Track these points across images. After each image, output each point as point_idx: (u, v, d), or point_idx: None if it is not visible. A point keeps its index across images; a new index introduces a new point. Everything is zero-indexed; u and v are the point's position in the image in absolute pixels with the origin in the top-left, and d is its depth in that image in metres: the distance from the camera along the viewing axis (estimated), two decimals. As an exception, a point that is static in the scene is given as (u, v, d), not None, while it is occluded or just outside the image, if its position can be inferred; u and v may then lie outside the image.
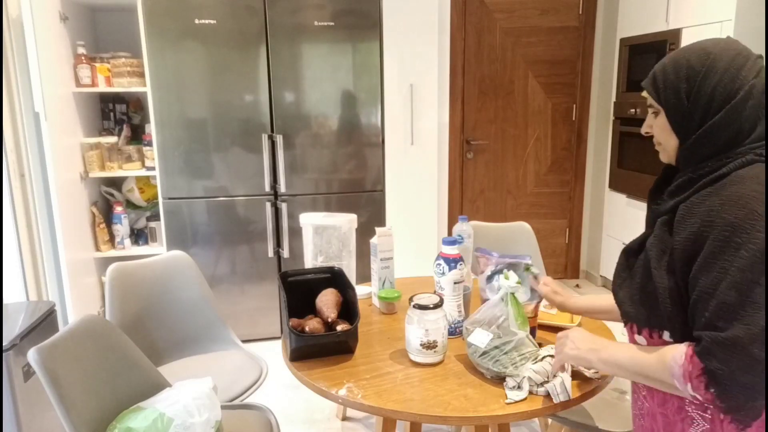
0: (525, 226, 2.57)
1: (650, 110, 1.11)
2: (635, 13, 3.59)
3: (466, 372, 1.41)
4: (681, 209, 1.02)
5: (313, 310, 1.61)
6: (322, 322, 1.52)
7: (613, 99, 3.85)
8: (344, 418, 2.55)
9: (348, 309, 1.59)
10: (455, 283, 1.55)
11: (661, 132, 1.09)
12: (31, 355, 1.31)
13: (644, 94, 1.11)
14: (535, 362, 1.34)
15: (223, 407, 1.64)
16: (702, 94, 1.01)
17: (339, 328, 1.50)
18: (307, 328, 1.48)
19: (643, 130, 1.15)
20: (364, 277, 2.95)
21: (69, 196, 2.91)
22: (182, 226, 3.11)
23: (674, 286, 1.02)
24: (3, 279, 2.59)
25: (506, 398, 1.28)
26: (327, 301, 1.55)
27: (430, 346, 1.42)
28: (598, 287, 4.22)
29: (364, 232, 3.31)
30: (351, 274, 1.91)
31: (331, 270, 1.70)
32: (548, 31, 3.99)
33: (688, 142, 1.04)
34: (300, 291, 1.64)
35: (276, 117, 3.09)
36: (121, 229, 3.24)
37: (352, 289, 1.59)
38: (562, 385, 1.28)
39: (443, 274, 1.54)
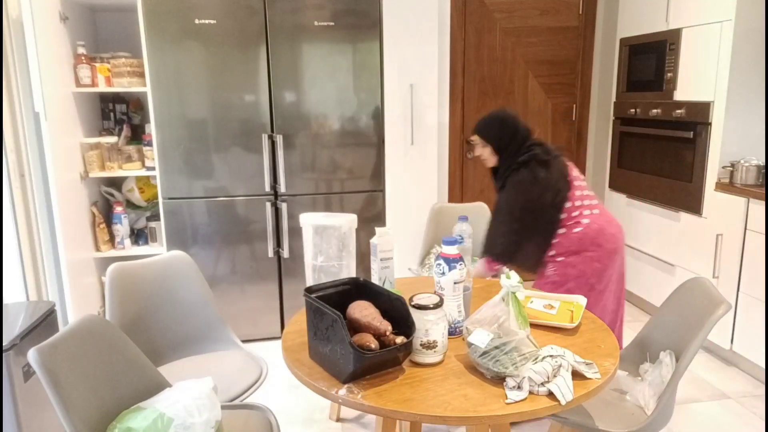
0: (483, 206, 3.09)
1: (480, 145, 2.31)
2: (635, 13, 3.59)
3: (466, 372, 1.40)
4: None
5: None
6: (373, 337, 1.40)
7: (613, 99, 3.85)
8: (338, 419, 2.55)
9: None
10: (455, 283, 1.54)
11: (488, 152, 2.30)
12: (31, 355, 1.31)
13: (475, 137, 2.32)
14: (536, 362, 1.34)
15: (223, 407, 1.64)
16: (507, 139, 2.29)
17: (398, 340, 1.39)
18: (372, 345, 1.36)
19: (478, 154, 2.34)
20: (365, 277, 2.95)
21: (69, 196, 2.91)
22: (182, 226, 3.11)
23: None
24: (3, 279, 2.59)
25: (506, 398, 1.28)
26: (372, 314, 1.44)
27: (430, 346, 1.42)
28: (598, 287, 4.22)
29: (364, 232, 3.31)
30: (351, 275, 1.91)
31: (355, 281, 1.62)
32: (548, 31, 3.99)
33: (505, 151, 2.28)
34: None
35: (276, 117, 3.09)
36: (121, 229, 3.24)
37: (399, 299, 1.47)
38: (566, 385, 1.28)
39: (443, 274, 1.54)
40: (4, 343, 1.90)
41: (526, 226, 2.16)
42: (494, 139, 2.28)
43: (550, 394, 1.29)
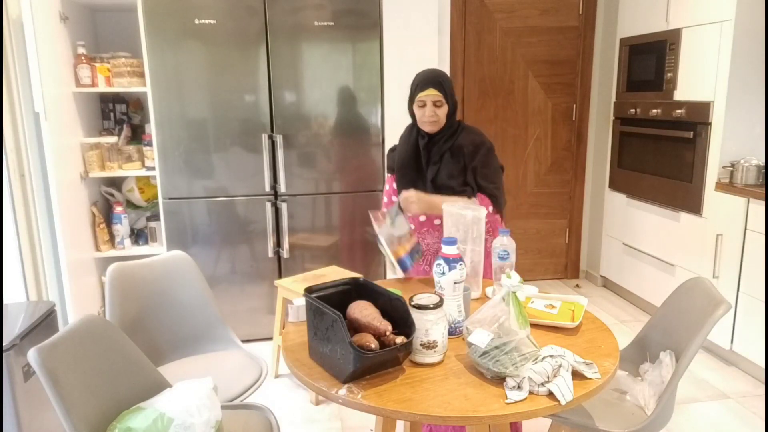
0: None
1: (438, 104, 1.99)
2: (635, 13, 3.59)
3: (466, 372, 1.40)
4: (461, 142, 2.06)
5: None
6: (373, 337, 1.39)
7: (613, 99, 3.85)
8: (277, 376, 2.86)
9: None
10: (455, 283, 1.54)
11: (444, 114, 2.01)
12: (31, 355, 1.31)
13: (434, 92, 1.97)
14: (536, 362, 1.34)
15: (223, 407, 1.64)
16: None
17: (398, 340, 1.38)
18: (372, 345, 1.35)
19: (429, 116, 2.00)
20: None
21: (69, 196, 2.91)
22: (182, 226, 3.11)
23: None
24: (3, 279, 2.59)
25: (506, 398, 1.28)
26: (372, 314, 1.44)
27: (430, 346, 1.42)
28: (598, 287, 4.22)
29: (364, 232, 3.31)
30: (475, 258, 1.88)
31: (355, 281, 1.61)
32: (548, 31, 3.99)
33: (453, 116, 2.07)
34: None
35: (276, 117, 3.09)
36: (121, 229, 3.24)
37: (398, 299, 1.47)
38: (566, 385, 1.28)
39: (443, 274, 1.54)
40: (4, 343, 1.90)
41: None
42: (451, 95, 2.03)
43: (550, 394, 1.29)
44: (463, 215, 1.84)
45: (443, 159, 2.05)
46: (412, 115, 2.09)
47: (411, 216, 2.10)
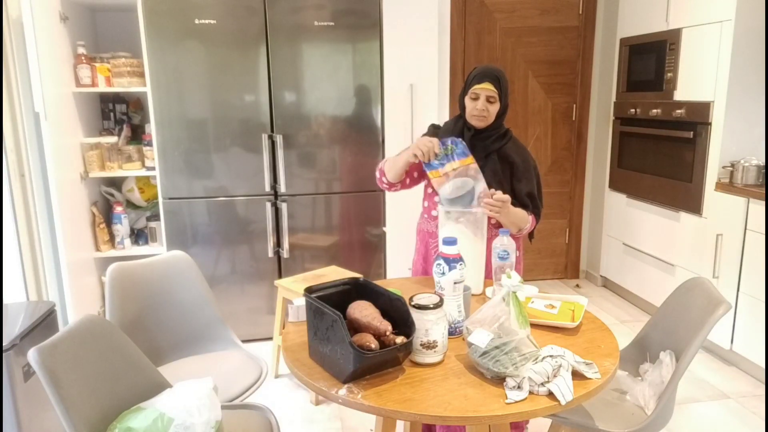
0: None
1: (491, 100, 1.98)
2: (635, 13, 3.59)
3: (466, 372, 1.40)
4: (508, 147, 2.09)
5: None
6: (373, 337, 1.39)
7: (613, 99, 3.85)
8: (276, 376, 2.88)
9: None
10: (455, 283, 1.54)
11: (494, 111, 2.01)
12: (31, 355, 1.31)
13: (490, 87, 1.95)
14: (536, 362, 1.34)
15: (223, 407, 1.64)
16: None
17: (398, 340, 1.38)
18: (372, 345, 1.35)
19: (480, 110, 1.98)
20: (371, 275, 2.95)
21: (69, 196, 2.91)
22: (182, 226, 3.11)
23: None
24: (3, 279, 2.59)
25: (506, 398, 1.28)
26: (372, 314, 1.44)
27: (430, 346, 1.42)
28: (598, 287, 4.22)
29: (363, 232, 3.31)
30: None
31: (355, 281, 1.61)
32: (548, 31, 3.99)
33: (501, 117, 2.06)
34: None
35: (276, 117, 3.09)
36: (121, 229, 3.24)
37: (398, 299, 1.47)
38: (566, 385, 1.28)
39: (443, 274, 1.54)
40: (4, 343, 1.90)
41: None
42: (505, 95, 2.03)
43: (550, 394, 1.29)
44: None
45: (489, 158, 2.05)
46: (462, 106, 2.06)
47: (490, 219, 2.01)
